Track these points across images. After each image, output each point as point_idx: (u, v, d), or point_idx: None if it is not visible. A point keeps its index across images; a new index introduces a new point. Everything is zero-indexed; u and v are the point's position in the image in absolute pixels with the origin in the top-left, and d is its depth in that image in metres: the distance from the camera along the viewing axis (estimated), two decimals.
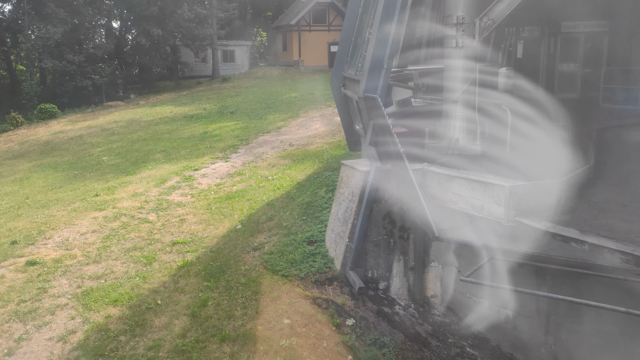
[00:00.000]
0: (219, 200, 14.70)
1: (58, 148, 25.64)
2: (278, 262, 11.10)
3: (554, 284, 9.46)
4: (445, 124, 12.39)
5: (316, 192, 13.88)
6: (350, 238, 10.85)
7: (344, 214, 11.21)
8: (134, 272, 11.23)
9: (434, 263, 11.39)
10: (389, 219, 11.05)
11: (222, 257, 11.63)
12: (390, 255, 11.20)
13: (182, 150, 21.37)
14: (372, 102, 10.69)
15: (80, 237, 12.96)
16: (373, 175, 10.59)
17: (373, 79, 11.01)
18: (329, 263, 11.08)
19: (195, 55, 51.84)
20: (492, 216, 9.79)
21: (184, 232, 12.99)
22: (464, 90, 11.99)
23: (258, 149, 20.06)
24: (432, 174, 10.87)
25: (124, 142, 24.81)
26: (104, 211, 14.49)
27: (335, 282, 10.73)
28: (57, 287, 10.76)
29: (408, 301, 11.33)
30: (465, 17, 11.65)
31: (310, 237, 11.85)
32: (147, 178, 17.45)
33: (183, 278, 10.92)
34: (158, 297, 10.30)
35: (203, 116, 30.16)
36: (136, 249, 12.26)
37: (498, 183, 9.59)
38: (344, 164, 11.72)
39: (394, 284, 11.32)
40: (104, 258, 11.86)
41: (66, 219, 14.17)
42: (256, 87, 41.05)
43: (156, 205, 14.70)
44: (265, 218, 13.20)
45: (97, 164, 20.76)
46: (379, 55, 10.94)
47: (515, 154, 11.55)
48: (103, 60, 41.42)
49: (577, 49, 18.77)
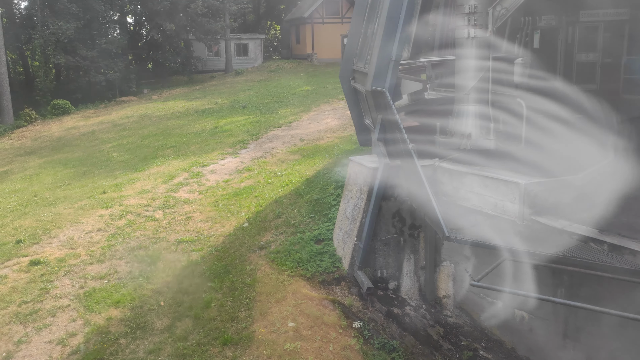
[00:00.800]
0: (226, 197, 14.42)
1: (70, 144, 25.59)
2: (284, 261, 10.79)
3: (571, 285, 9.03)
4: (456, 118, 11.94)
5: (325, 189, 13.53)
6: (358, 237, 10.49)
7: (352, 212, 10.85)
8: (138, 272, 11.00)
9: (446, 262, 10.99)
10: (399, 217, 10.66)
11: (227, 257, 11.35)
12: (400, 254, 10.83)
13: (192, 146, 21.14)
14: (380, 96, 10.29)
15: (85, 236, 12.77)
16: (381, 172, 10.20)
17: (381, 72, 10.59)
18: (336, 262, 10.73)
19: (208, 50, 51.62)
20: (506, 214, 9.36)
21: (189, 230, 12.74)
22: (476, 83, 11.52)
23: (268, 144, 19.75)
24: (443, 170, 10.45)
25: (135, 138, 24.66)
26: (111, 209, 14.30)
27: (343, 282, 10.39)
28: (59, 287, 10.57)
29: (419, 301, 10.96)
30: (477, 6, 11.16)
31: (318, 235, 11.52)
32: (156, 174, 17.24)
33: (187, 278, 10.66)
34: (161, 298, 10.05)
35: (215, 111, 29.92)
36: (141, 247, 12.03)
37: (512, 180, 9.15)
38: (352, 161, 11.34)
39: (405, 283, 10.94)
40: (108, 257, 11.66)
41: (72, 217, 14.00)
42: (269, 81, 40.73)
43: (163, 203, 14.47)
44: (272, 216, 12.89)
45: (106, 160, 20.62)
46: (387, 47, 10.51)
47: (530, 149, 11.09)
48: (116, 55, 41.37)
49: (597, 38, 18.15)
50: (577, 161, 9.77)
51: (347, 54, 14.64)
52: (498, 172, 9.66)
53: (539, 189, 9.05)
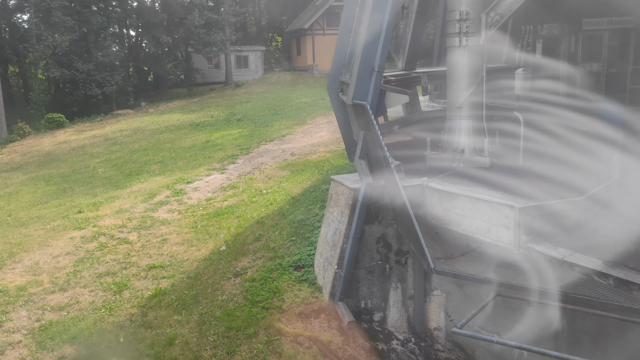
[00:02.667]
0: (206, 218, 13.54)
1: (57, 159, 24.84)
2: (259, 291, 9.86)
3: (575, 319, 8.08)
4: (449, 133, 11.04)
5: (310, 209, 12.62)
6: (339, 264, 9.56)
7: (332, 236, 9.92)
8: (101, 302, 10.10)
9: (437, 291, 10.03)
10: (384, 242, 9.73)
11: (199, 285, 10.44)
12: (386, 282, 9.88)
13: (179, 161, 20.31)
14: (361, 109, 9.40)
15: (51, 261, 11.91)
16: (364, 192, 9.29)
17: (363, 83, 9.71)
18: (316, 292, 9.80)
19: (208, 62, 50.99)
20: (500, 241, 8.41)
21: (163, 254, 11.85)
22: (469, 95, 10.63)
23: (257, 159, 18.88)
24: (432, 190, 9.53)
25: (124, 152, 23.88)
26: (83, 230, 13.44)
27: (322, 315, 9.45)
28: (14, 320, 9.69)
29: (407, 334, 9.99)
30: (469, 12, 10.31)
31: (298, 261, 10.59)
32: (137, 192, 16.39)
33: (153, 310, 9.75)
34: (122, 333, 9.14)
35: (209, 124, 29.15)
36: (109, 274, 11.15)
37: (506, 203, 8.21)
38: (333, 180, 10.44)
39: (391, 315, 9.99)
40: (72, 285, 10.77)
41: (42, 239, 13.15)
42: (267, 93, 39.99)
43: (139, 224, 13.60)
44: (252, 238, 11.99)
45: (90, 177, 19.81)
46: (369, 55, 9.64)
47: (529, 166, 10.17)
48: (114, 68, 40.76)
49: (601, 48, 17.30)
50: (579, 181, 8.83)
51: (335, 64, 13.75)
52: (491, 193, 8.73)
53: (537, 213, 8.10)
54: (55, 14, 36.47)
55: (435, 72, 17.50)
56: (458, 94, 10.77)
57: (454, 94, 10.87)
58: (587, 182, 8.80)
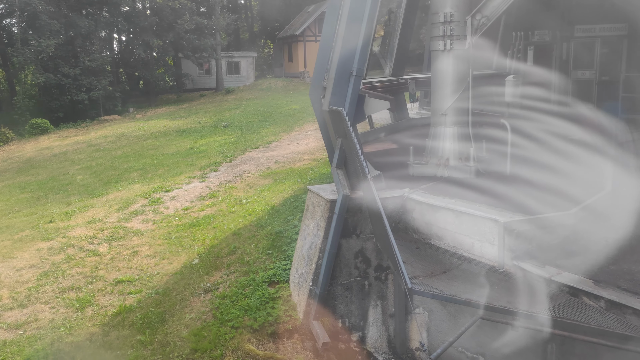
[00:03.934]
0: (181, 229, 12.92)
1: (37, 166, 24.16)
2: (230, 309, 9.24)
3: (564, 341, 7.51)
4: (433, 141, 10.51)
5: (289, 220, 12.03)
6: (314, 281, 8.96)
7: (308, 250, 9.33)
8: (61, 320, 9.45)
9: (419, 309, 9.43)
10: (362, 256, 9.14)
11: (167, 301, 9.81)
12: (364, 300, 9.28)
13: (160, 169, 19.68)
14: (338, 116, 8.85)
15: (14, 274, 11.24)
16: (340, 204, 8.71)
17: (340, 88, 9.16)
18: (290, 310, 9.19)
19: (199, 68, 50.42)
20: (484, 258, 7.85)
21: (132, 267, 11.21)
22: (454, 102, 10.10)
23: (240, 167, 18.29)
24: (413, 202, 8.98)
25: (106, 159, 23.22)
26: (52, 241, 12.79)
27: (296, 335, 8.84)
28: None
29: (388, 355, 9.39)
30: (454, 14, 9.80)
31: (273, 276, 9.99)
32: (112, 201, 15.76)
33: (115, 329, 9.12)
34: (79, 355, 8.50)
35: (195, 130, 28.54)
36: (73, 289, 10.50)
37: (490, 217, 7.66)
38: (310, 190, 9.85)
39: (370, 334, 9.38)
40: (33, 301, 10.12)
41: (7, 250, 12.49)
42: (258, 99, 39.45)
43: (111, 234, 12.97)
44: (227, 251, 11.38)
45: (67, 184, 19.15)
46: (347, 59, 9.10)
47: (516, 177, 9.64)
48: (101, 73, 40.07)
49: (593, 55, 16.87)
50: (569, 193, 8.30)
51: (317, 69, 13.19)
52: (475, 206, 8.18)
53: (523, 228, 7.55)
54: (42, 18, 35.81)
55: (424, 79, 16.97)
56: (443, 100, 10.24)
57: (438, 100, 10.35)
58: (577, 194, 8.27)
